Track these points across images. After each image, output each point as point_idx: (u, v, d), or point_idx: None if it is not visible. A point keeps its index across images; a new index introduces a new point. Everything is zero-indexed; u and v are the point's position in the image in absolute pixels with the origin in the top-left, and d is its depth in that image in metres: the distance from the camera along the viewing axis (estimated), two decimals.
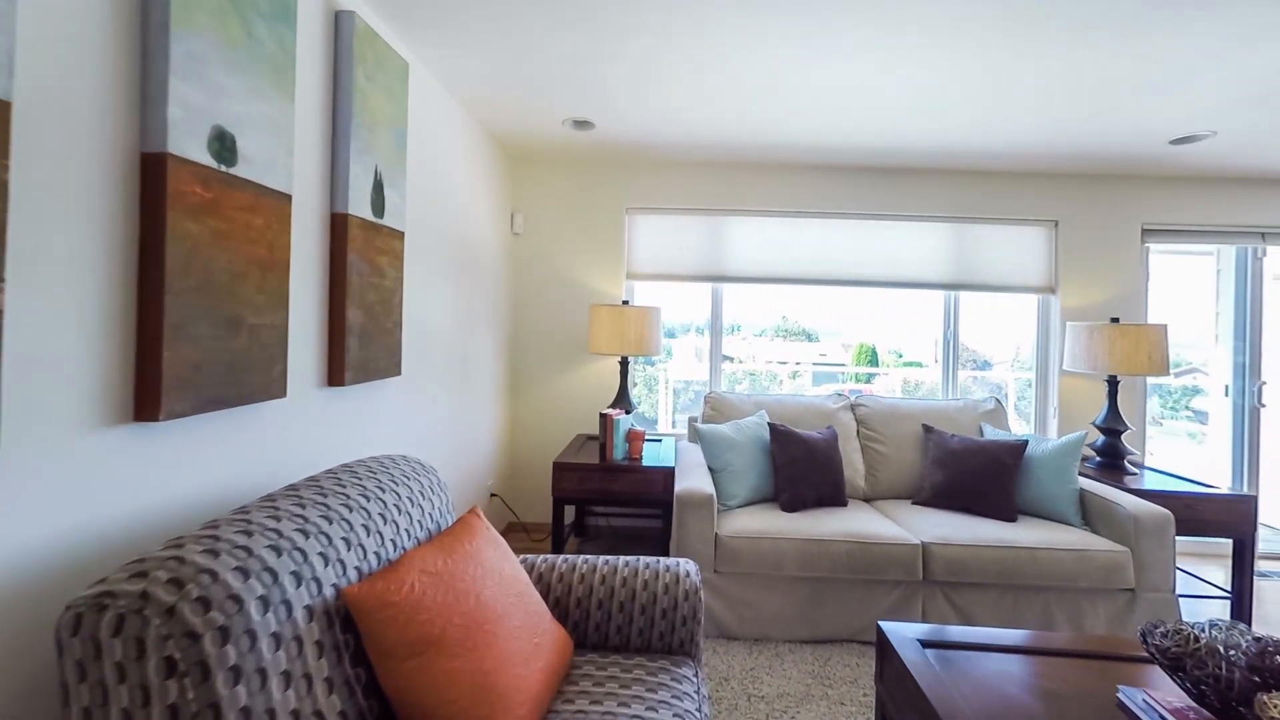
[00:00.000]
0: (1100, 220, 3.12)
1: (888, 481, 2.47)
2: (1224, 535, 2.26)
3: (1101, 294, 3.09)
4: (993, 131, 2.50)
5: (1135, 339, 2.53)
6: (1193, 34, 1.73)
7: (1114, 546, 1.96)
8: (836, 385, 6.90)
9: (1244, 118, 2.31)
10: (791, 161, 3.04)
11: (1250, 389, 3.19)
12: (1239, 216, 3.11)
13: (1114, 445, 2.56)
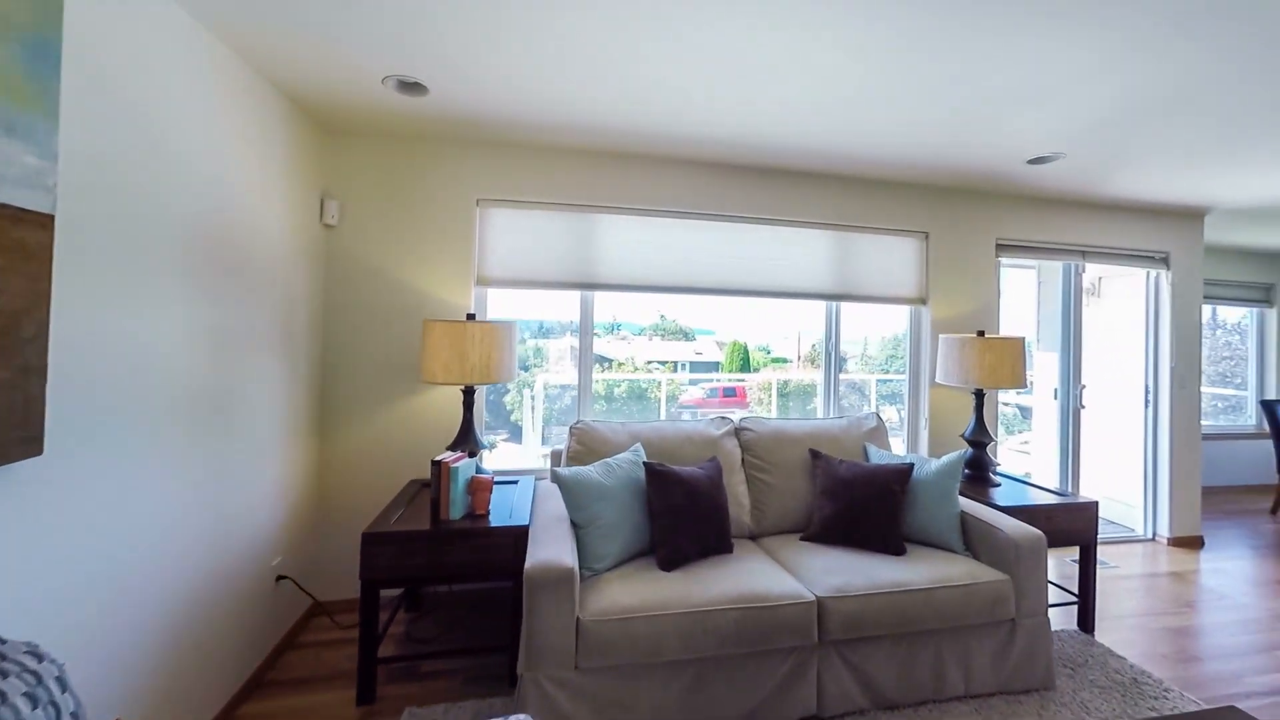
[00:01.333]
0: (964, 234, 3.21)
1: (775, 515, 2.22)
2: (1075, 543, 2.35)
3: (964, 306, 3.19)
4: (869, 134, 2.36)
5: (1000, 352, 2.56)
6: (1061, 53, 1.68)
7: (997, 575, 1.87)
8: (712, 384, 6.93)
9: (1090, 142, 2.41)
10: (671, 156, 2.69)
11: (1074, 392, 3.52)
12: (1067, 235, 3.39)
13: (980, 458, 2.58)
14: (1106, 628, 2.37)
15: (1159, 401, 3.53)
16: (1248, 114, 2.11)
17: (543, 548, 1.63)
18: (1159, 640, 2.31)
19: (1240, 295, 5.02)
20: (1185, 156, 2.56)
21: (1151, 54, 1.69)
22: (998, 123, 2.22)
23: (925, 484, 2.12)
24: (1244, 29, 1.56)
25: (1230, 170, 2.75)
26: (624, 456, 2.00)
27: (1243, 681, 2.06)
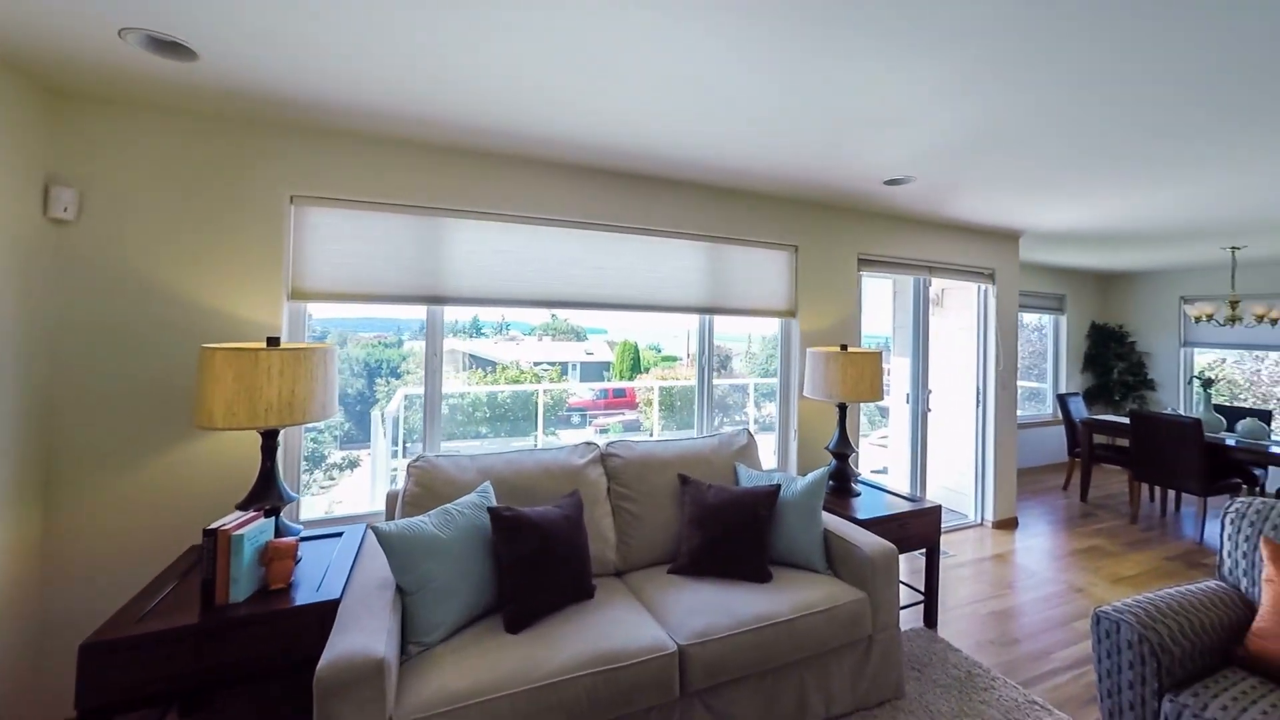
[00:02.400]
0: (830, 248, 3.34)
1: (642, 548, 2.09)
2: (923, 546, 2.53)
3: (830, 318, 3.32)
4: (737, 149, 2.30)
5: (861, 366, 2.67)
6: (906, 82, 1.70)
7: (855, 594, 1.91)
8: (602, 384, 6.80)
9: (935, 168, 2.57)
10: (532, 157, 2.42)
11: (922, 396, 3.87)
12: (917, 251, 3.68)
13: (843, 470, 2.69)
14: (947, 619, 2.59)
15: (987, 400, 3.99)
16: (1053, 156, 2.35)
17: (347, 633, 1.31)
18: (986, 626, 2.58)
19: (1041, 304, 5.92)
20: (1008, 187, 2.84)
21: (979, 93, 1.78)
22: (858, 144, 2.26)
23: (791, 505, 2.12)
24: (1048, 78, 1.68)
25: (1038, 202, 3.13)
26: (469, 500, 1.73)
27: (1050, 658, 2.34)
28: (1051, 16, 1.36)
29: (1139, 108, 1.87)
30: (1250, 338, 5.23)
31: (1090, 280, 6.26)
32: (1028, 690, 2.06)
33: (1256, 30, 1.40)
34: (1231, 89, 1.72)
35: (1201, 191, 2.83)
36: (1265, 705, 1.48)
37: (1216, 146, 2.19)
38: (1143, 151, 2.27)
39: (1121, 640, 1.65)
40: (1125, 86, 1.72)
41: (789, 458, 3.17)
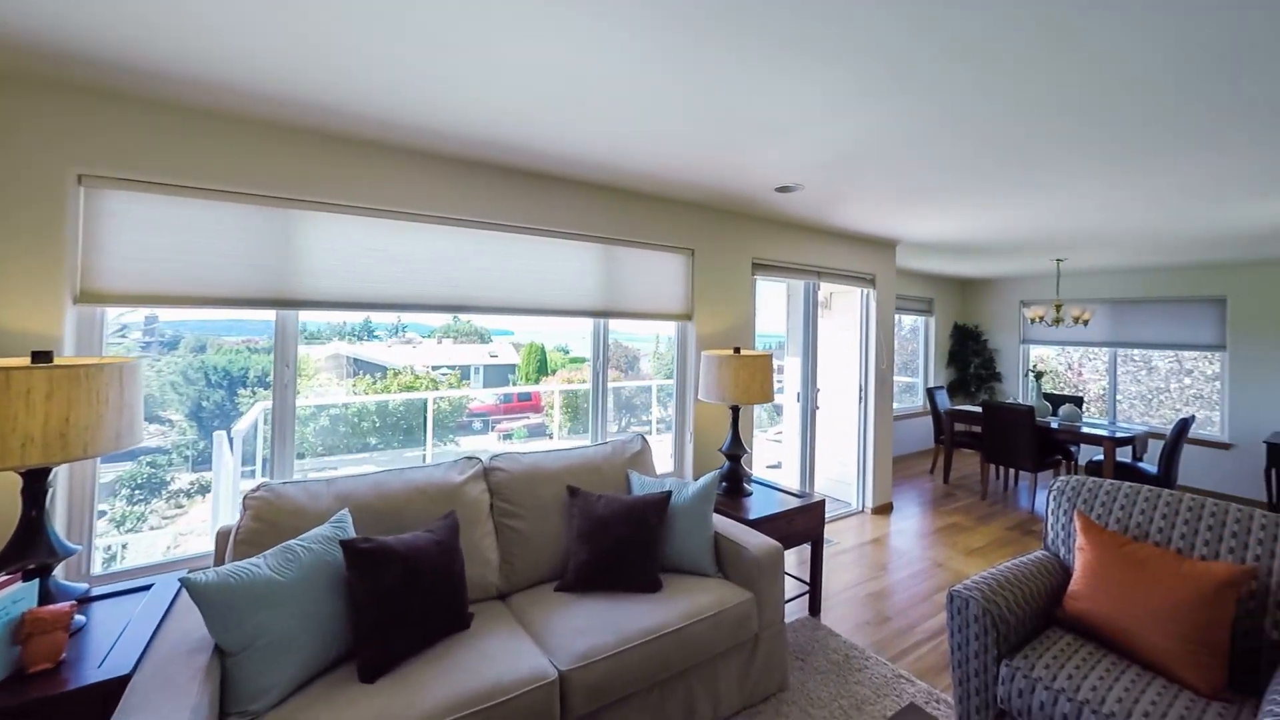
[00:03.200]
0: (726, 252, 3.44)
1: (528, 567, 1.99)
2: (809, 539, 2.68)
3: (726, 321, 3.43)
4: (631, 149, 2.27)
5: (752, 369, 2.77)
6: (800, 90, 1.73)
7: (743, 595, 1.96)
8: (508, 387, 6.55)
9: (821, 178, 2.70)
10: (406, 146, 2.22)
11: (811, 394, 4.12)
12: (807, 256, 3.91)
13: (736, 470, 2.78)
14: (830, 606, 2.77)
15: (869, 396, 4.34)
16: (918, 173, 2.57)
17: (138, 717, 1.07)
18: (864, 608, 2.79)
19: (914, 307, 6.57)
20: (883, 199, 3.08)
21: (855, 111, 1.87)
22: (751, 151, 2.30)
23: (683, 510, 2.14)
24: (912, 103, 1.81)
25: (910, 214, 3.42)
26: (319, 533, 1.52)
27: (914, 631, 2.58)
28: (914, 45, 1.44)
29: (986, 135, 2.06)
30: (1070, 335, 6.17)
31: (954, 286, 7.05)
32: (895, 665, 2.25)
33: (1078, 69, 1.59)
34: (1058, 121, 1.96)
35: (1036, 212, 3.25)
36: (1078, 660, 1.71)
37: (1048, 173, 2.50)
38: (990, 174, 2.55)
39: (970, 615, 1.84)
40: (975, 114, 1.88)
41: (685, 461, 3.22)
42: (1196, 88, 1.67)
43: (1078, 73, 1.59)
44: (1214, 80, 1.63)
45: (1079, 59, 1.51)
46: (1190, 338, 5.37)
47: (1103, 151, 2.21)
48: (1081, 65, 1.54)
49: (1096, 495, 2.13)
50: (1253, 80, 1.62)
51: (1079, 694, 1.58)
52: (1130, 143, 2.11)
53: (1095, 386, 6.37)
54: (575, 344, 7.46)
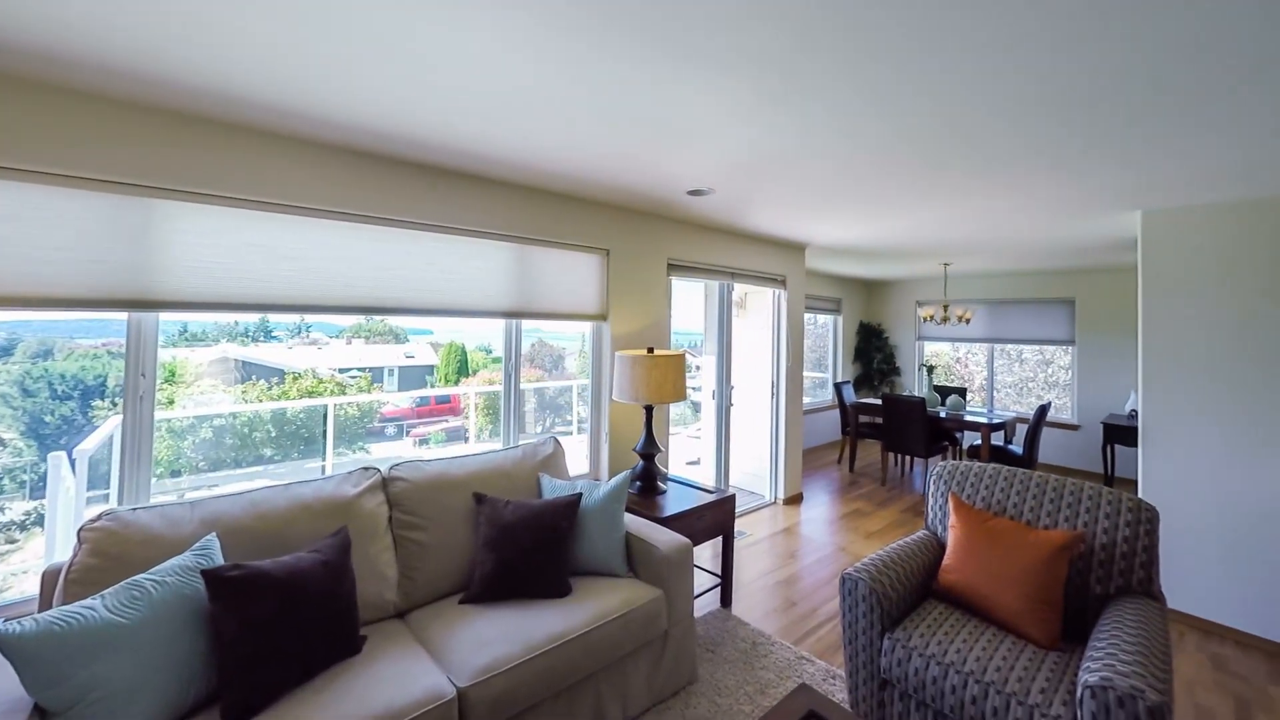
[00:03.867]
0: (642, 253, 3.48)
1: (431, 580, 1.91)
2: (720, 533, 2.78)
3: (641, 321, 3.47)
4: (545, 148, 2.26)
5: (665, 369, 2.83)
6: (708, 98, 1.78)
7: (652, 593, 1.99)
8: (424, 390, 6.20)
9: (731, 183, 2.78)
10: (296, 134, 2.05)
11: (725, 392, 4.26)
12: (721, 258, 4.04)
13: (649, 469, 2.83)
14: (741, 596, 2.89)
15: (780, 392, 4.57)
16: (819, 182, 2.73)
17: None
18: (772, 596, 2.94)
19: (824, 306, 6.99)
20: (790, 205, 3.24)
21: (760, 120, 1.94)
22: (663, 155, 2.34)
23: (594, 512, 2.15)
24: (810, 115, 1.90)
25: (817, 220, 3.63)
26: (177, 563, 1.37)
27: (818, 614, 2.76)
28: (801, 60, 1.51)
29: (876, 150, 2.21)
30: (955, 332, 6.84)
31: (860, 287, 7.58)
32: (798, 647, 2.39)
33: (951, 95, 1.75)
34: (938, 141, 2.14)
35: (924, 221, 3.55)
36: (948, 627, 1.90)
37: (932, 187, 2.74)
38: (883, 186, 2.75)
39: (859, 595, 1.98)
40: (866, 131, 2.02)
41: (601, 461, 3.23)
42: (1036, 123, 1.90)
43: (952, 99, 1.74)
44: (1048, 118, 1.85)
45: (952, 85, 1.66)
46: (1049, 334, 6.13)
47: (976, 170, 2.45)
48: (954, 92, 1.70)
49: (967, 477, 2.36)
50: (1077, 119, 1.86)
51: (945, 657, 1.75)
52: (997, 164, 2.36)
53: (979, 378, 7.09)
54: (498, 343, 7.24)
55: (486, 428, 4.07)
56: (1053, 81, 1.60)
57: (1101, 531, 1.99)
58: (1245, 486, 2.77)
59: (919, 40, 1.41)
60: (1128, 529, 1.96)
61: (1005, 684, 1.63)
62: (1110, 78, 1.55)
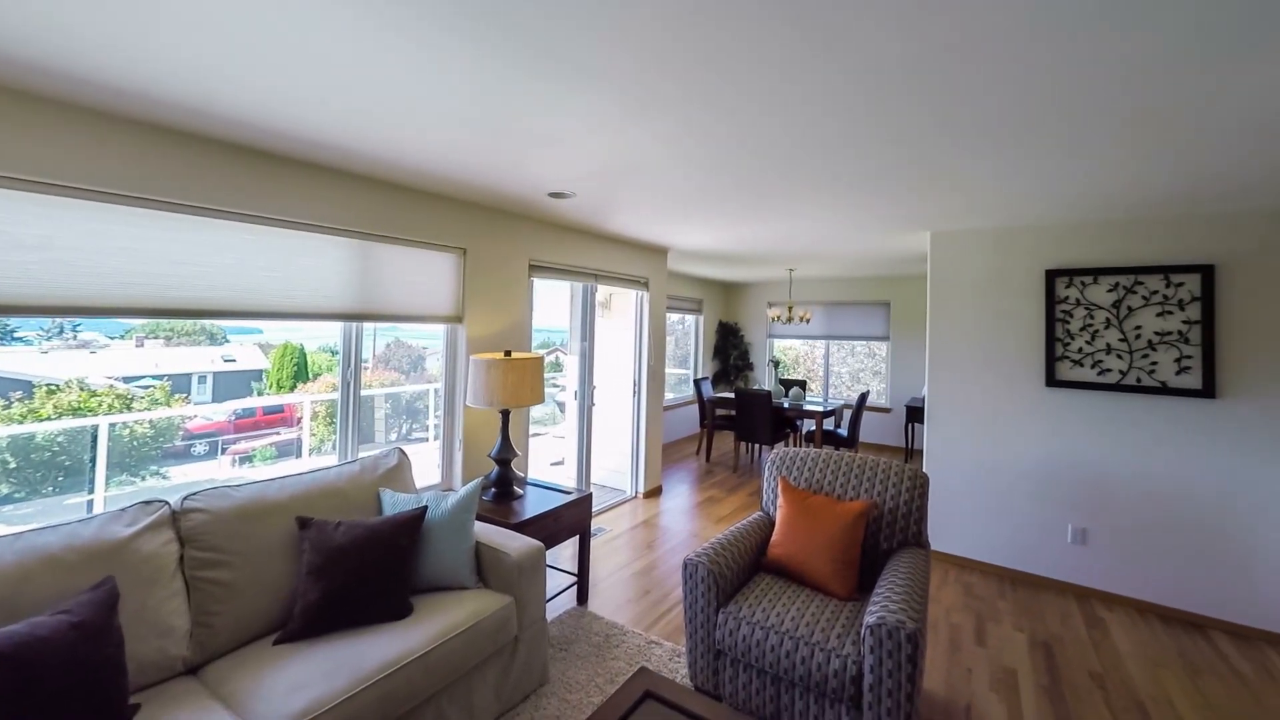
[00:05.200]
0: (502, 253, 3.39)
1: (238, 622, 1.69)
2: (576, 533, 2.84)
3: (500, 323, 3.39)
4: (397, 143, 2.12)
5: (522, 372, 2.79)
6: (566, 106, 1.79)
7: (502, 601, 1.97)
8: (250, 399, 5.28)
9: (591, 188, 2.82)
10: (78, 102, 1.69)
11: (588, 392, 4.34)
12: (585, 260, 4.10)
13: (506, 475, 2.79)
14: (598, 591, 2.98)
15: (642, 390, 4.76)
16: (674, 190, 2.87)
17: None
18: (628, 587, 3.07)
19: (687, 307, 7.43)
20: (650, 211, 3.38)
21: (614, 130, 2.01)
22: (523, 157, 2.32)
23: (440, 525, 2.07)
24: (671, 131, 2.00)
25: (678, 226, 3.83)
26: None
27: (669, 598, 2.94)
28: (658, 80, 1.59)
29: (729, 166, 2.39)
30: (799, 330, 7.69)
31: (719, 288, 8.16)
32: (648, 633, 2.54)
33: (787, 125, 1.95)
34: (779, 164, 2.38)
35: (770, 231, 3.93)
36: (773, 595, 2.14)
37: (776, 201, 3.03)
38: (735, 198, 2.98)
39: (698, 578, 2.15)
40: (720, 149, 2.17)
41: (455, 470, 3.11)
42: (850, 155, 2.20)
43: (787, 129, 1.95)
44: (857, 151, 2.16)
45: (789, 117, 1.85)
46: (871, 331, 7.16)
47: (808, 190, 2.77)
48: (788, 123, 1.90)
49: (794, 461, 2.68)
50: (882, 153, 2.20)
51: (768, 621, 1.98)
52: (823, 187, 2.69)
53: (821, 370, 8.05)
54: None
55: (328, 440, 3.64)
56: (863, 122, 1.87)
57: (889, 498, 2.38)
58: (990, 455, 3.52)
59: (768, 69, 1.57)
60: (907, 494, 2.37)
61: (811, 636, 1.89)
62: (906, 118, 1.85)
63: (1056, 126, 1.89)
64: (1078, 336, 3.26)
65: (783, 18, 1.25)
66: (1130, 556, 3.13)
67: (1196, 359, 2.97)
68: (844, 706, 1.79)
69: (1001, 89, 1.61)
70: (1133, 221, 3.15)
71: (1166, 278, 3.05)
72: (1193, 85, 1.56)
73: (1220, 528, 2.93)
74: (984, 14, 1.25)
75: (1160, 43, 1.35)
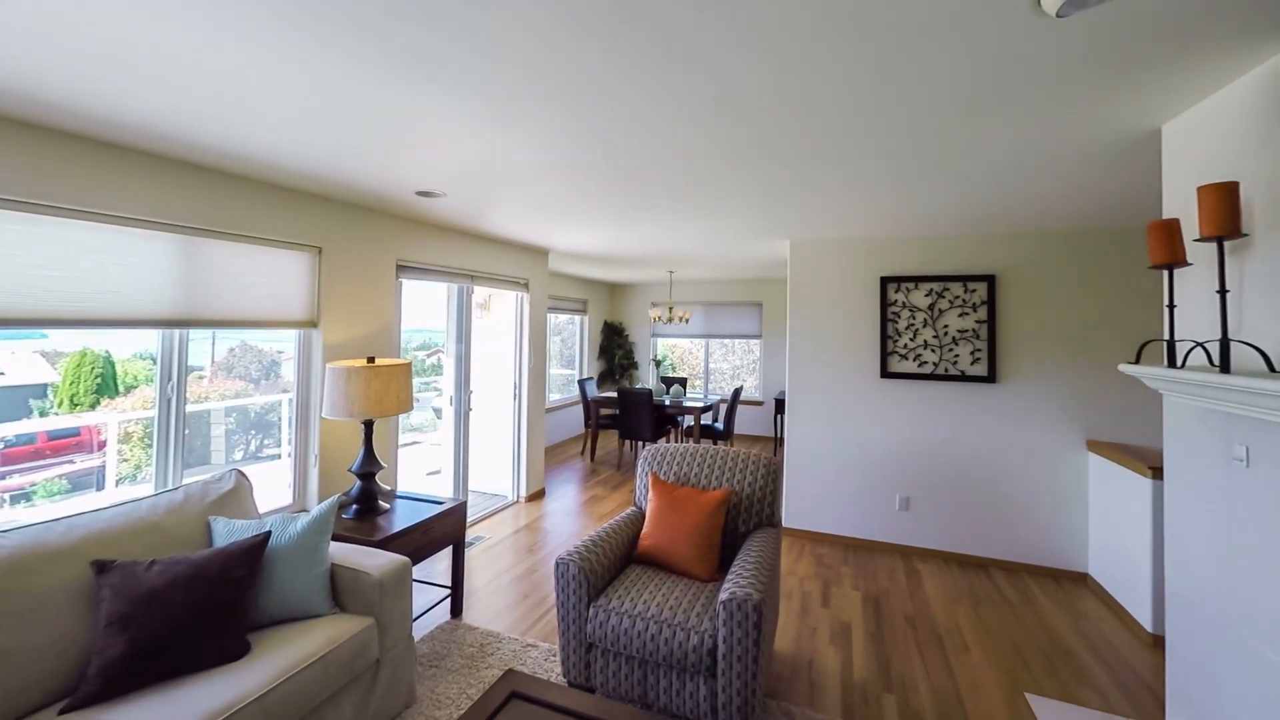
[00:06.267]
0: (365, 252, 3.16)
1: (6, 694, 1.41)
2: (450, 543, 2.76)
3: (364, 327, 3.17)
4: (244, 130, 1.89)
5: (387, 379, 2.64)
6: (424, 110, 1.76)
7: (360, 624, 1.86)
8: (26, 423, 4.10)
9: (463, 189, 2.74)
10: None
11: (464, 397, 4.21)
12: (460, 260, 3.96)
13: (369, 490, 2.62)
14: (474, 601, 2.92)
15: (522, 393, 4.71)
16: (557, 197, 2.90)
17: None
18: (507, 593, 3.05)
19: (572, 307, 7.46)
20: (530, 213, 3.35)
21: (480, 135, 1.98)
22: (388, 156, 2.20)
23: (288, 550, 1.90)
24: (537, 138, 2.00)
25: (558, 228, 3.84)
26: None
27: (547, 600, 2.97)
28: (516, 88, 1.61)
29: (596, 173, 2.45)
30: (681, 330, 8.09)
31: (605, 289, 8.29)
32: (525, 636, 2.55)
33: (663, 129, 2.05)
34: (639, 173, 2.49)
35: (647, 236, 4.08)
36: (641, 584, 2.27)
37: (646, 208, 3.16)
38: (606, 204, 3.07)
39: (569, 575, 2.21)
40: (581, 155, 2.21)
41: (309, 489, 2.86)
42: (717, 168, 2.38)
43: (645, 143, 2.06)
44: (720, 165, 2.35)
45: (650, 132, 1.95)
46: (746, 330, 7.74)
47: (668, 201, 2.94)
48: (649, 138, 2.01)
49: (664, 457, 2.84)
50: (744, 170, 2.41)
51: (635, 609, 2.09)
52: (684, 197, 2.87)
53: (702, 368, 8.52)
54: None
55: (145, 465, 3.09)
56: (714, 140, 2.04)
57: (747, 485, 2.62)
58: (838, 440, 4.02)
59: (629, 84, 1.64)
60: (763, 480, 2.62)
61: (674, 618, 2.04)
62: (747, 142, 2.05)
63: (874, 162, 2.24)
64: (904, 334, 3.84)
65: (640, 40, 1.35)
66: (940, 516, 3.76)
67: (985, 351, 3.65)
68: (701, 677, 1.96)
69: (820, 124, 1.88)
70: (944, 238, 3.78)
71: (965, 285, 3.70)
72: (960, 135, 1.94)
73: (999, 484, 3.64)
74: (797, 73, 1.45)
75: (921, 101, 1.67)
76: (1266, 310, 1.43)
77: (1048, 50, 1.37)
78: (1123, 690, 2.35)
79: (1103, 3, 1.13)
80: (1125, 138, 1.93)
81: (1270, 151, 1.43)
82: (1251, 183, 1.48)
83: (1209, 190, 1.45)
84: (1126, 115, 1.75)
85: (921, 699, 2.27)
